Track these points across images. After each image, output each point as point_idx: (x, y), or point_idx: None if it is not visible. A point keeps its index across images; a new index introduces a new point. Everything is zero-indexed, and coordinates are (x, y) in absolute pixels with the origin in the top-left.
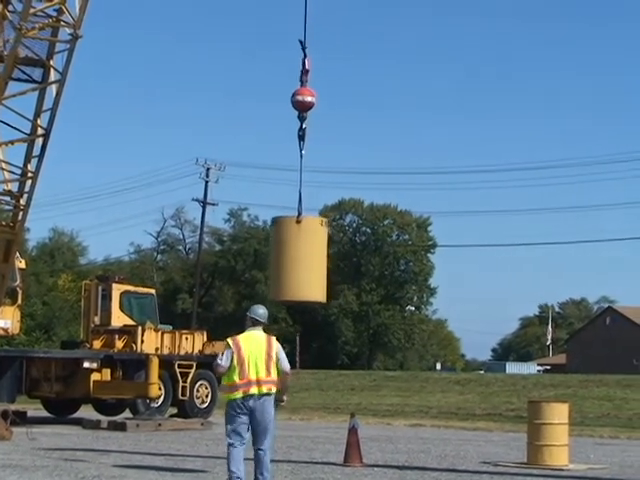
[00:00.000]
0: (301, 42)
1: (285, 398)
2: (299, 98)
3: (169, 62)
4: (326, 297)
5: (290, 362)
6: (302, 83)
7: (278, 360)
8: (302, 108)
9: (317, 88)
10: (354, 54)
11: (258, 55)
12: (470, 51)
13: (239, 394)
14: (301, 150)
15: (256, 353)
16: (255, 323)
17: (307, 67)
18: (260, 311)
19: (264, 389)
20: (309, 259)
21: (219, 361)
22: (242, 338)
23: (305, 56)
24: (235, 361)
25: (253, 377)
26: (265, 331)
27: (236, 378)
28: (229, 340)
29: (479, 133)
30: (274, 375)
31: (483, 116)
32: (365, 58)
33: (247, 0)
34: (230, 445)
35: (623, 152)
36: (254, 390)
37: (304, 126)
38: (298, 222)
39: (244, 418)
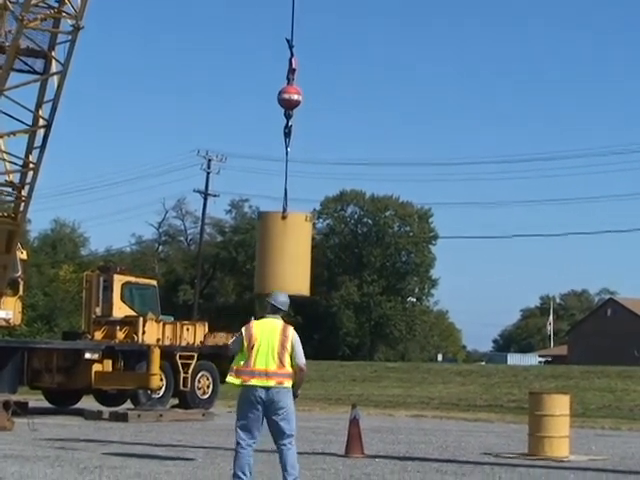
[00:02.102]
0: (288, 41)
1: (298, 393)
2: (285, 96)
3: (171, 54)
4: (309, 290)
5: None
6: (289, 81)
7: (293, 352)
8: (288, 106)
9: (318, 80)
10: (354, 45)
11: (261, 46)
12: (470, 43)
13: (238, 380)
14: (287, 147)
15: (268, 342)
16: (274, 310)
17: (294, 66)
18: (281, 298)
19: (272, 382)
20: (294, 253)
21: (229, 344)
22: (256, 324)
23: (292, 55)
24: (245, 347)
25: (261, 367)
26: (285, 320)
27: (241, 363)
28: (244, 327)
29: (480, 125)
30: (288, 367)
31: (484, 108)
32: (367, 49)
33: None
34: (238, 444)
35: (625, 144)
36: (259, 382)
37: (290, 123)
38: (284, 217)
39: (256, 412)
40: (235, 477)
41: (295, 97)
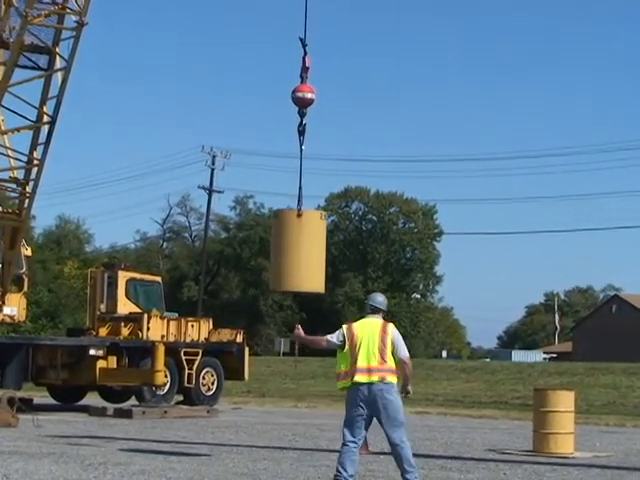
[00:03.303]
0: (301, 40)
1: (410, 389)
2: (299, 95)
3: (175, 50)
4: (324, 287)
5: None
6: (302, 80)
7: (394, 347)
8: (302, 104)
9: (323, 76)
10: (358, 42)
11: (265, 43)
12: (473, 42)
13: (348, 382)
14: (301, 145)
15: (369, 340)
16: (374, 310)
17: (307, 64)
18: (379, 299)
19: (375, 377)
20: (309, 251)
21: (330, 337)
22: (357, 324)
23: (305, 53)
24: (347, 347)
25: (363, 365)
26: (385, 319)
27: (347, 365)
28: (344, 325)
29: (485, 121)
30: (390, 363)
31: (488, 104)
32: (370, 46)
33: None
34: (342, 442)
35: (630, 140)
36: (363, 378)
37: (304, 122)
38: (299, 215)
39: (361, 410)
40: (336, 471)
41: (309, 95)
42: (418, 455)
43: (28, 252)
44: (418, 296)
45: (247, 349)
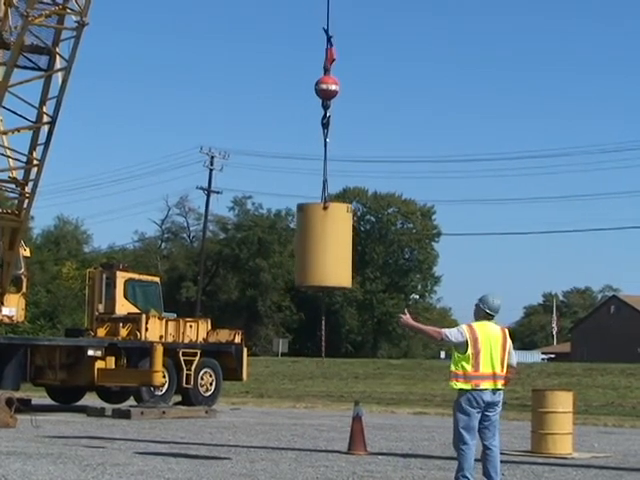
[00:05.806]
0: (325, 31)
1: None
2: (323, 86)
3: (174, 49)
4: (351, 282)
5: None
6: (326, 71)
7: (510, 355)
8: (326, 96)
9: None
10: (358, 42)
11: (263, 43)
12: (472, 42)
13: (469, 385)
14: (325, 138)
15: (493, 346)
16: (488, 316)
17: (333, 56)
18: (496, 305)
19: (499, 384)
20: (335, 245)
21: (449, 334)
22: (478, 327)
23: (331, 45)
24: (470, 350)
25: (488, 370)
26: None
27: (469, 368)
28: (464, 325)
29: (484, 122)
30: (505, 370)
31: (487, 105)
32: (369, 46)
33: None
34: (464, 445)
35: (628, 141)
36: (488, 384)
37: (328, 114)
38: (325, 208)
39: (478, 414)
40: (464, 478)
41: (333, 87)
42: (416, 455)
43: (26, 252)
44: (416, 297)
45: (245, 349)
